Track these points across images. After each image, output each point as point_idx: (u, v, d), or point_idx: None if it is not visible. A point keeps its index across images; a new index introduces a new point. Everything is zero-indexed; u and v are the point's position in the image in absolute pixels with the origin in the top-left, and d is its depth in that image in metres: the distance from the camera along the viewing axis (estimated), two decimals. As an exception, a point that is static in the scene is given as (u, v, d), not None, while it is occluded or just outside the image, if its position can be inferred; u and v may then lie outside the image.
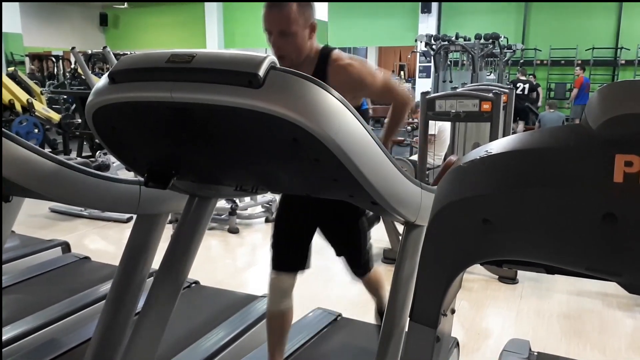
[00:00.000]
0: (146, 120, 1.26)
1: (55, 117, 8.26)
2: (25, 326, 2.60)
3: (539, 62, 12.94)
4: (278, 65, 1.08)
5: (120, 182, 1.78)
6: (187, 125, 1.20)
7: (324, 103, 1.07)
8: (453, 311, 1.03)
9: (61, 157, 1.66)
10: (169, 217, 2.39)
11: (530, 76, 11.54)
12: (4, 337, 2.48)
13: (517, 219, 0.76)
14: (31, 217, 5.37)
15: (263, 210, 5.37)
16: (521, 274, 3.75)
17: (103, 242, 5.00)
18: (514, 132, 6.29)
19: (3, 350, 2.42)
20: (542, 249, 0.78)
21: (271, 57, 1.08)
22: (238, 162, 1.31)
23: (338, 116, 1.08)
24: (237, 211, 5.11)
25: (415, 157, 5.27)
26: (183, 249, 1.74)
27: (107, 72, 1.23)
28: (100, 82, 1.24)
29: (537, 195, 0.72)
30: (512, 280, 3.73)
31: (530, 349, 2.43)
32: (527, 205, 0.74)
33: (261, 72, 1.03)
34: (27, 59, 14.93)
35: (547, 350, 2.61)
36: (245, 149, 1.22)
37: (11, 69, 9.32)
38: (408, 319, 1.02)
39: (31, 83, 9.09)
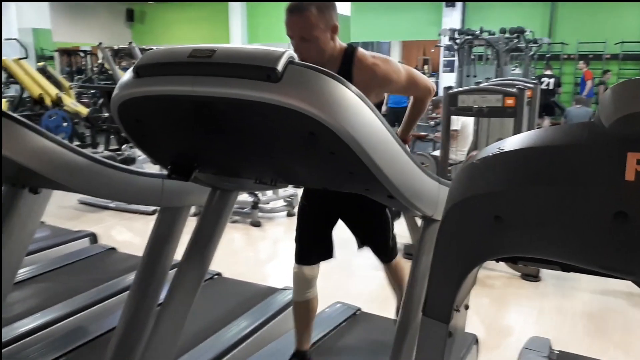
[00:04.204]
0: (169, 114, 1.29)
1: (84, 111, 8.44)
2: (54, 314, 2.70)
3: (566, 56, 12.67)
4: (297, 60, 1.09)
5: (143, 175, 1.82)
6: (208, 118, 1.23)
7: (341, 97, 1.08)
8: (467, 307, 1.03)
9: (87, 151, 1.71)
10: (194, 210, 2.44)
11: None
12: (33, 324, 2.58)
13: (529, 216, 0.76)
14: (61, 209, 5.51)
15: (285, 204, 5.41)
16: (544, 271, 3.71)
17: (129, 233, 5.10)
18: (539, 128, 6.18)
19: (33, 336, 2.51)
20: (555, 246, 0.78)
21: (290, 52, 1.09)
22: (256, 155, 1.33)
23: (355, 110, 1.10)
24: (260, 205, 5.17)
25: (437, 153, 5.24)
26: (205, 241, 1.77)
27: (132, 67, 1.27)
28: (125, 76, 1.27)
29: (549, 193, 0.72)
30: (534, 277, 3.68)
31: (550, 347, 2.41)
32: (539, 203, 0.74)
33: (279, 67, 1.05)
34: (56, 54, 15.26)
35: (569, 350, 2.58)
36: (264, 142, 1.24)
37: (41, 63, 9.53)
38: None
39: (60, 78, 9.30)
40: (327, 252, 2.21)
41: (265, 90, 1.06)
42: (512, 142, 0.79)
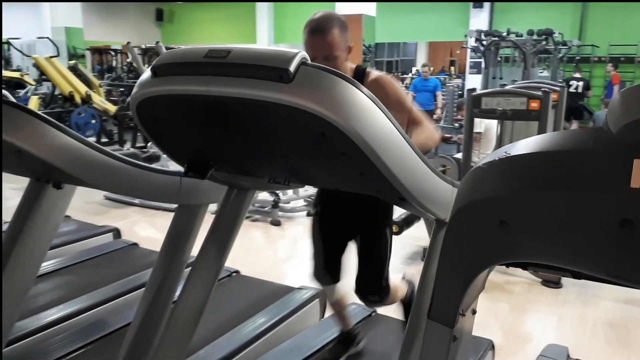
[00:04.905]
0: (185, 113, 1.32)
1: (112, 108, 8.61)
2: (75, 306, 2.77)
3: (596, 59, 12.39)
4: (309, 61, 1.10)
5: (162, 172, 1.86)
6: (222, 118, 1.25)
7: (352, 99, 1.09)
8: (474, 312, 1.02)
9: (110, 148, 1.75)
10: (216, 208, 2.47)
11: None
12: (55, 316, 2.65)
13: (534, 222, 0.75)
14: (87, 204, 5.63)
15: (305, 204, 5.43)
16: (565, 278, 3.63)
17: (152, 229, 5.18)
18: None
19: (55, 328, 2.58)
20: (560, 253, 0.77)
21: (302, 53, 1.10)
22: (269, 155, 1.35)
23: (366, 112, 1.10)
24: (280, 204, 5.19)
25: (460, 155, 5.18)
26: (221, 239, 1.78)
27: (150, 66, 1.29)
28: (144, 75, 1.30)
29: (554, 199, 0.71)
30: (555, 284, 3.62)
31: (568, 356, 2.36)
32: (544, 209, 0.73)
33: (292, 68, 1.06)
34: (87, 53, 15.61)
35: (589, 359, 2.52)
36: (276, 142, 1.26)
37: (72, 62, 9.76)
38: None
39: (90, 76, 9.51)
40: (337, 277, 2.27)
41: (277, 90, 1.07)
42: (519, 147, 0.78)
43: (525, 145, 0.77)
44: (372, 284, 2.13)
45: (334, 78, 1.08)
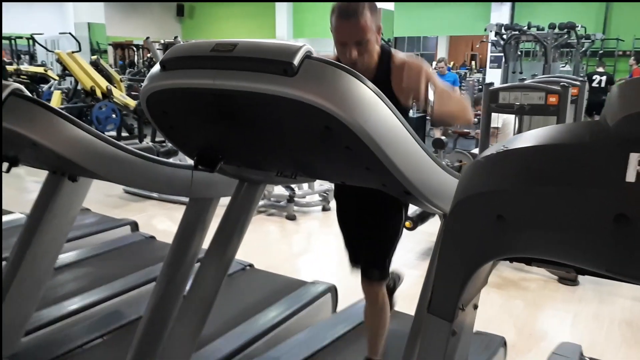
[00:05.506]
0: (193, 106, 1.34)
1: (132, 103, 8.70)
2: (92, 297, 2.82)
3: (621, 53, 12.10)
4: (313, 55, 1.11)
5: (173, 166, 1.88)
6: (229, 111, 1.26)
7: (356, 92, 1.09)
8: (475, 307, 1.02)
9: (127, 142, 1.79)
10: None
11: None
12: (72, 307, 2.70)
13: (530, 216, 0.74)
14: (107, 197, 5.71)
15: (320, 199, 5.44)
16: (582, 275, 3.57)
17: (169, 222, 5.24)
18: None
19: (73, 317, 2.63)
20: (558, 248, 0.76)
21: (307, 47, 1.10)
22: (275, 148, 1.36)
23: (370, 106, 1.10)
24: (295, 199, 5.21)
25: (477, 151, 5.13)
26: (230, 233, 1.80)
27: (160, 60, 1.31)
28: (154, 69, 1.32)
29: (550, 193, 0.71)
30: (572, 281, 3.56)
31: (581, 354, 2.33)
32: (540, 203, 0.72)
33: (296, 61, 1.07)
34: (110, 48, 15.83)
35: (603, 358, 2.49)
36: (282, 135, 1.27)
37: (94, 57, 9.90)
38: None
39: (112, 71, 9.63)
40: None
41: (281, 84, 1.08)
42: (517, 140, 0.77)
43: (523, 139, 0.76)
44: (373, 258, 2.07)
45: (339, 72, 1.08)
